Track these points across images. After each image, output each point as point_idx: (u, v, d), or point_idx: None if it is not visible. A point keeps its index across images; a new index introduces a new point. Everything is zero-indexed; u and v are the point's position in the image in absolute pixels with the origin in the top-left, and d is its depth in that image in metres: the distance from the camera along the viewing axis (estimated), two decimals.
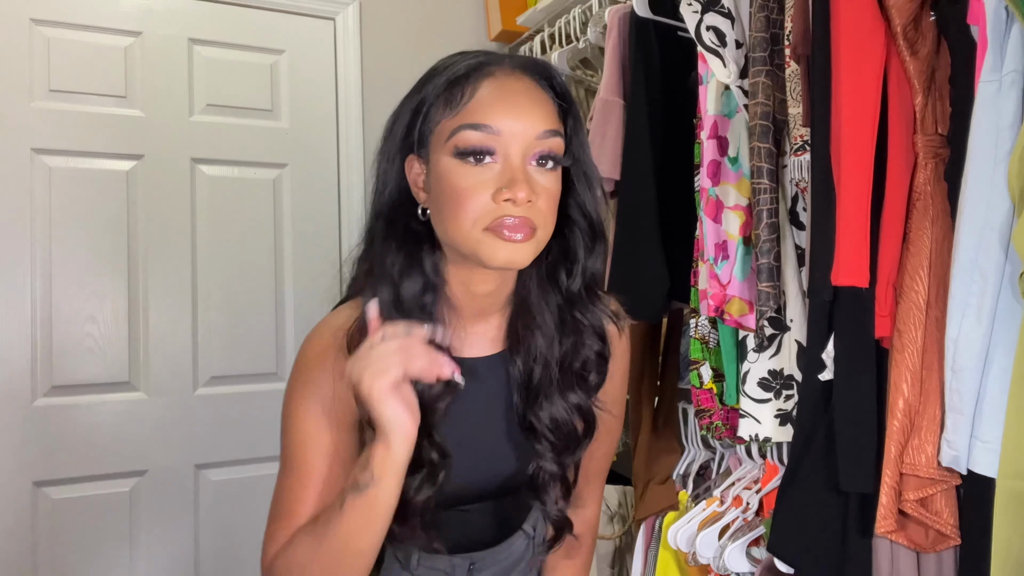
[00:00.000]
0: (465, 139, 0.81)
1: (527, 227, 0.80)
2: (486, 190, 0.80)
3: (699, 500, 1.60)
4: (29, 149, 1.92)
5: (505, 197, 0.79)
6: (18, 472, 1.89)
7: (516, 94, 0.83)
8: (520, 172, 0.80)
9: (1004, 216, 0.93)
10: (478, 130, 0.80)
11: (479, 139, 0.80)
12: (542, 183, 0.82)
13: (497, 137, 0.81)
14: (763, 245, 1.25)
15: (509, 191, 0.79)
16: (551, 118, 0.84)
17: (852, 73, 1.05)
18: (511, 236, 0.80)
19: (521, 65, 0.86)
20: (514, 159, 0.81)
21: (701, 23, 1.34)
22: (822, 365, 1.16)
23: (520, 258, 0.81)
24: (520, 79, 0.85)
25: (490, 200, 0.80)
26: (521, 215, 0.80)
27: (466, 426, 0.91)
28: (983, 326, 0.95)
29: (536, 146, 0.82)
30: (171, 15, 2.08)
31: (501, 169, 0.81)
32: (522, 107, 0.82)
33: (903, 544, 1.07)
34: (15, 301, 1.90)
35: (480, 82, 0.83)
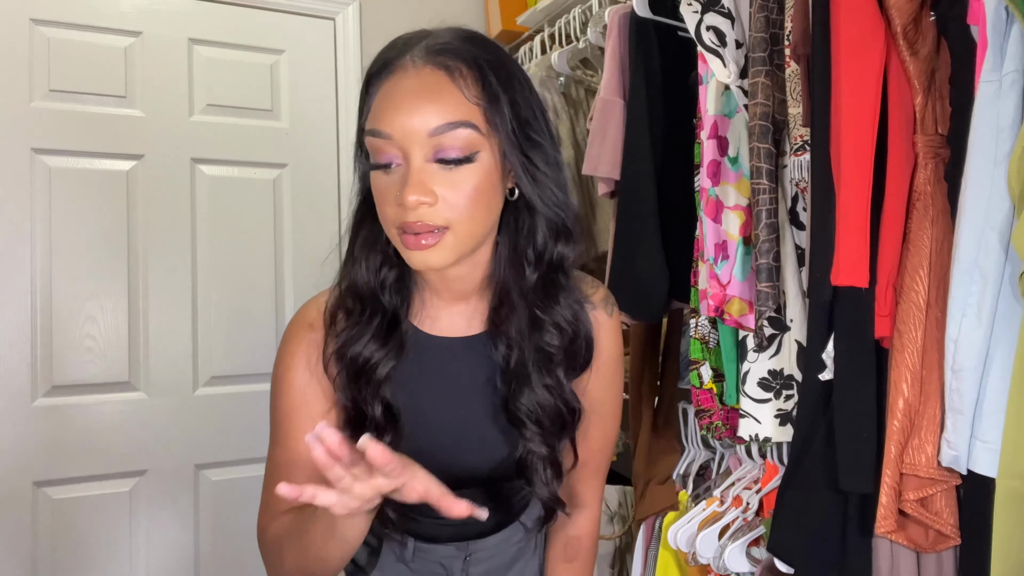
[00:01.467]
0: (369, 144, 0.82)
1: (427, 232, 0.79)
2: (390, 195, 0.80)
3: (699, 500, 1.60)
4: (29, 149, 1.92)
5: (399, 202, 0.79)
6: (18, 472, 1.89)
7: (407, 93, 0.80)
8: (414, 174, 0.78)
9: (1004, 216, 0.93)
10: (376, 136, 0.80)
11: (378, 145, 0.80)
12: (451, 179, 0.79)
13: (390, 142, 0.79)
14: (762, 245, 1.25)
15: (400, 196, 0.78)
16: (452, 109, 0.79)
17: (852, 73, 1.05)
18: (416, 243, 0.80)
19: (430, 53, 0.82)
20: (414, 161, 0.79)
21: (701, 23, 1.34)
22: (822, 365, 1.16)
23: (434, 261, 0.81)
24: (419, 72, 0.81)
25: (395, 205, 0.80)
26: (418, 219, 0.78)
27: (448, 407, 0.92)
28: (983, 326, 0.95)
29: (431, 145, 0.79)
30: (171, 15, 2.08)
31: (404, 172, 0.79)
32: (410, 106, 0.79)
33: (903, 544, 1.07)
34: (15, 301, 1.90)
35: (382, 83, 0.82)
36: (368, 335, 0.87)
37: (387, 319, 0.89)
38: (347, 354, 0.87)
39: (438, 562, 1.01)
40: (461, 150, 0.79)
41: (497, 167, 0.82)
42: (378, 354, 0.87)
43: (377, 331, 0.88)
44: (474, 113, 0.80)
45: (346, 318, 0.89)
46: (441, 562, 1.01)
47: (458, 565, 1.01)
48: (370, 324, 0.88)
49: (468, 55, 0.82)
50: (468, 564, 1.01)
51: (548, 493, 0.93)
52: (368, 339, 0.87)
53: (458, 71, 0.81)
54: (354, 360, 0.87)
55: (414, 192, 0.77)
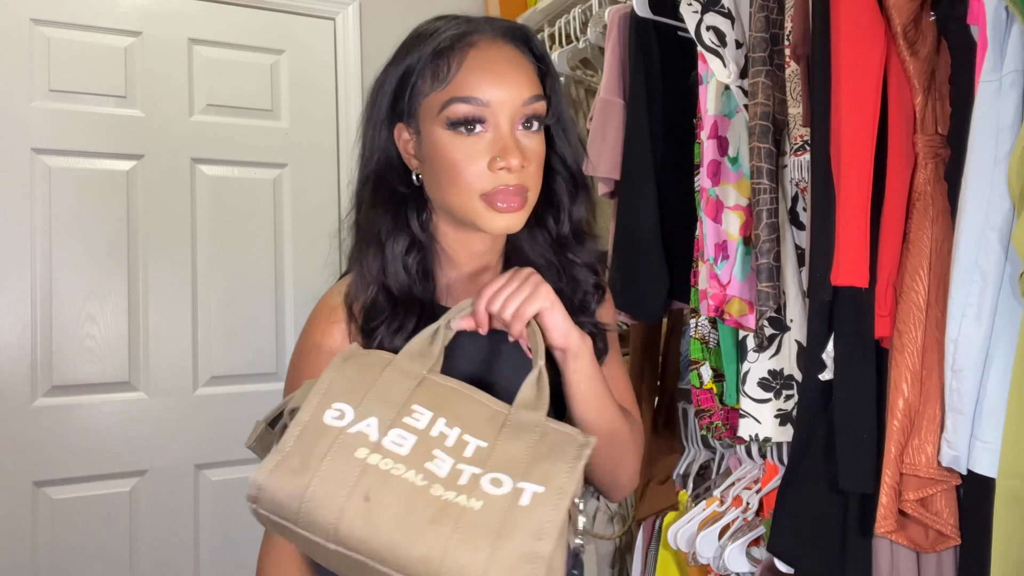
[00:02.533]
0: (456, 111, 0.84)
1: (520, 195, 0.85)
2: (481, 159, 0.84)
3: (699, 500, 1.60)
4: (29, 149, 1.92)
5: (500, 166, 0.83)
6: (18, 472, 1.89)
7: (500, 63, 0.86)
8: (511, 140, 0.84)
9: (1004, 216, 0.93)
10: (468, 103, 0.84)
11: (469, 111, 0.84)
12: (531, 147, 0.86)
13: (486, 108, 0.84)
14: (763, 245, 1.25)
15: (504, 159, 0.83)
16: (533, 83, 0.87)
17: (852, 73, 1.05)
18: (507, 207, 0.84)
19: (502, 32, 0.89)
20: (503, 127, 0.85)
21: (701, 23, 1.34)
22: (822, 365, 1.16)
23: (516, 224, 0.87)
24: (502, 47, 0.87)
25: (486, 169, 0.84)
26: (516, 182, 0.84)
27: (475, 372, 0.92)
28: (983, 326, 0.95)
29: (522, 112, 0.86)
30: (171, 15, 2.08)
31: (493, 138, 0.84)
32: (507, 76, 0.85)
33: (903, 544, 1.07)
34: (15, 301, 1.90)
35: (466, 53, 0.86)
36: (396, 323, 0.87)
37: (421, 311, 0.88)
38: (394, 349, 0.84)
39: None
40: (540, 117, 0.87)
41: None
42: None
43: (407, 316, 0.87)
44: (541, 89, 0.88)
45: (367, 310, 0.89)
46: None
47: None
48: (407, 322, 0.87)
49: (526, 37, 0.91)
50: None
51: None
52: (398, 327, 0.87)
53: (527, 49, 0.89)
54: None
55: (518, 156, 0.83)
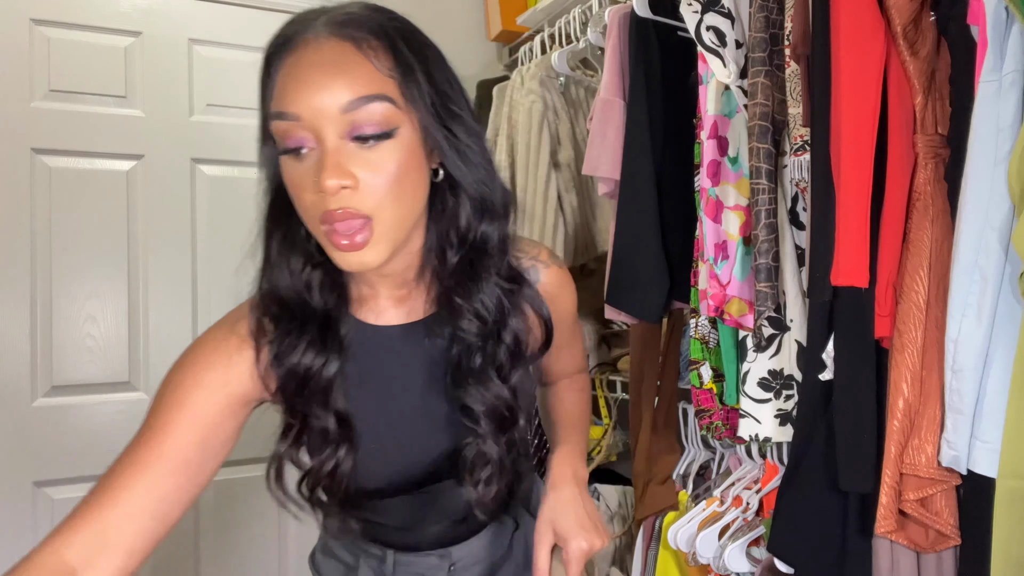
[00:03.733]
0: (276, 131, 0.74)
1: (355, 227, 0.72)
2: (308, 182, 0.73)
3: (699, 500, 1.60)
4: (29, 149, 1.92)
5: (317, 190, 0.71)
6: (18, 472, 1.89)
7: (313, 67, 0.72)
8: (330, 156, 0.71)
9: (1004, 216, 0.93)
10: (283, 119, 0.73)
11: (284, 128, 0.73)
12: (371, 159, 0.72)
13: (299, 123, 0.72)
14: (762, 245, 1.25)
15: (316, 181, 0.71)
16: (364, 82, 0.72)
17: (852, 73, 1.05)
18: (342, 243, 0.72)
19: (336, 24, 0.75)
20: (329, 142, 0.72)
21: (701, 23, 1.34)
22: (822, 365, 1.16)
23: (371, 259, 0.74)
24: (324, 44, 0.73)
25: (313, 192, 0.72)
26: (341, 205, 0.71)
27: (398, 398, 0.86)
28: (983, 326, 0.95)
29: (345, 122, 0.71)
30: (171, 15, 2.07)
31: (318, 157, 0.72)
32: (317, 82, 0.71)
33: (903, 544, 1.07)
34: (15, 301, 1.90)
35: (283, 61, 0.75)
36: (303, 343, 0.79)
37: (320, 321, 0.81)
38: (284, 366, 0.79)
39: (421, 574, 0.97)
40: (379, 125, 0.72)
41: (419, 144, 0.75)
42: (318, 360, 0.80)
43: (313, 337, 0.80)
44: (388, 86, 0.73)
45: (275, 327, 0.81)
46: (424, 574, 0.97)
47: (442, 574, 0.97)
48: (303, 331, 0.80)
49: (375, 25, 0.75)
50: (453, 573, 0.97)
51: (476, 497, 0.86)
52: (304, 347, 0.79)
53: (366, 42, 0.74)
54: (293, 372, 0.79)
55: (332, 175, 0.70)
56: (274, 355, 0.80)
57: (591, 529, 0.88)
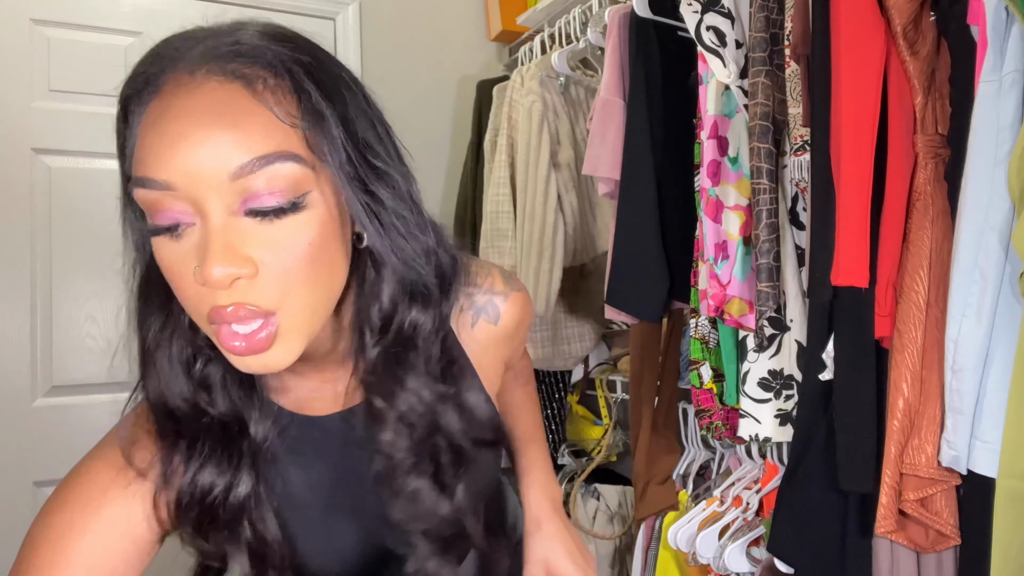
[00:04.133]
0: (139, 199, 0.56)
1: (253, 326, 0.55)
2: (187, 268, 0.56)
3: (699, 500, 1.60)
4: (29, 149, 1.92)
5: (201, 280, 0.54)
6: (18, 472, 1.89)
7: (186, 119, 0.54)
8: (216, 236, 0.54)
9: (1004, 216, 0.93)
10: (148, 187, 0.55)
11: (154, 200, 0.55)
12: (272, 237, 0.55)
13: (172, 194, 0.54)
14: (762, 245, 1.25)
15: (200, 270, 0.54)
16: (260, 137, 0.54)
17: (852, 73, 1.05)
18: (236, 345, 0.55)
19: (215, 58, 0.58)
20: (214, 218, 0.54)
21: (701, 23, 1.34)
22: (822, 365, 1.16)
23: (276, 361, 0.57)
24: (200, 88, 0.56)
25: (197, 287, 0.56)
26: (234, 300, 0.54)
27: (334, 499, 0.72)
28: (983, 326, 0.95)
29: (235, 191, 0.54)
30: (171, 15, 2.08)
31: (201, 235, 0.55)
32: (194, 139, 0.53)
33: (903, 544, 1.07)
34: (15, 301, 1.90)
35: (146, 107, 0.57)
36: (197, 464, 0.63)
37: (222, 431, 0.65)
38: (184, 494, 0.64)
39: None
40: (283, 194, 0.55)
41: (333, 210, 0.59)
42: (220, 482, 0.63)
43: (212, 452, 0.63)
44: (292, 139, 0.56)
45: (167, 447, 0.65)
46: None
47: None
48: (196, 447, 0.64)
49: (273, 58, 0.58)
50: None
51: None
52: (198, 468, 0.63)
53: (262, 81, 0.57)
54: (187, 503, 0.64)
55: (220, 261, 0.53)
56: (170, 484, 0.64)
57: (582, 562, 0.83)
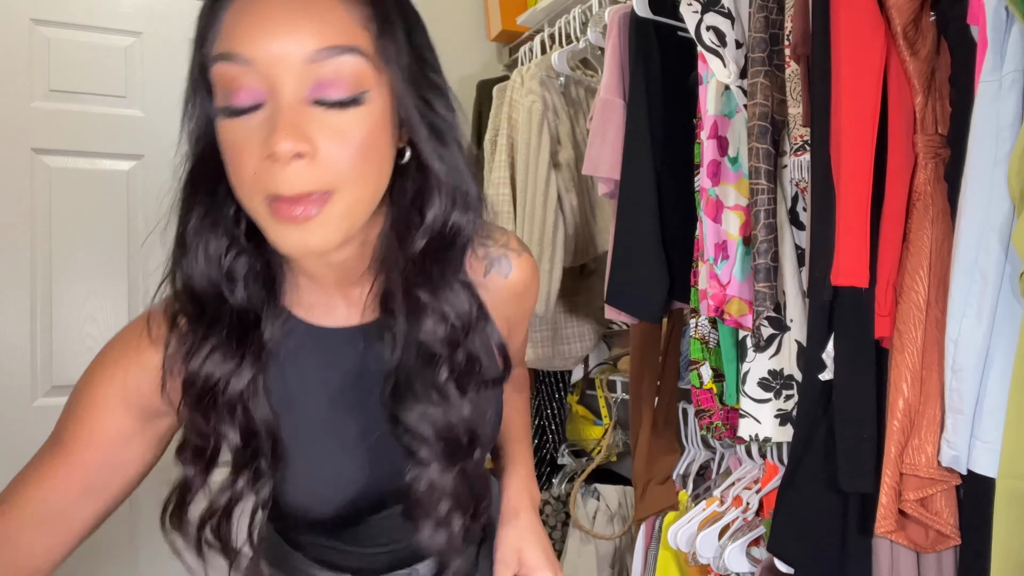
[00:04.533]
0: (219, 78, 0.61)
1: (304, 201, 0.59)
2: (253, 145, 0.59)
3: (699, 500, 1.60)
4: (29, 149, 1.92)
5: (266, 153, 0.58)
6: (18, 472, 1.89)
7: (273, 5, 0.59)
8: (286, 113, 0.58)
9: (1004, 216, 0.93)
10: (230, 61, 0.59)
11: (232, 76, 0.60)
12: (334, 125, 0.60)
13: (251, 69, 0.59)
14: (760, 245, 1.25)
15: (268, 143, 0.58)
16: (335, 30, 0.59)
17: (852, 73, 1.05)
18: (291, 213, 0.59)
19: None
20: (285, 96, 0.59)
21: (701, 23, 1.34)
22: (822, 365, 1.16)
23: (315, 241, 0.61)
24: None
25: (259, 159, 0.59)
26: (291, 182, 0.58)
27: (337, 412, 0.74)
28: (983, 326, 0.95)
29: (308, 76, 0.59)
30: (171, 15, 2.07)
31: (268, 115, 0.59)
32: (278, 22, 0.58)
33: (903, 544, 1.07)
34: (15, 301, 1.90)
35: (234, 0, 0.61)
36: (209, 347, 0.66)
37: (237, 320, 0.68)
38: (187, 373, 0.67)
39: None
40: (348, 87, 0.60)
41: (389, 115, 0.63)
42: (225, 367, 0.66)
43: (224, 339, 0.67)
44: (362, 38, 0.60)
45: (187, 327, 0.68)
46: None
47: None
48: (212, 331, 0.67)
49: None
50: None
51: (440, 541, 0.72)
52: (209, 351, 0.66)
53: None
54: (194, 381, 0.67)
55: (288, 136, 0.57)
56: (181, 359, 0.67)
57: (554, 561, 0.84)
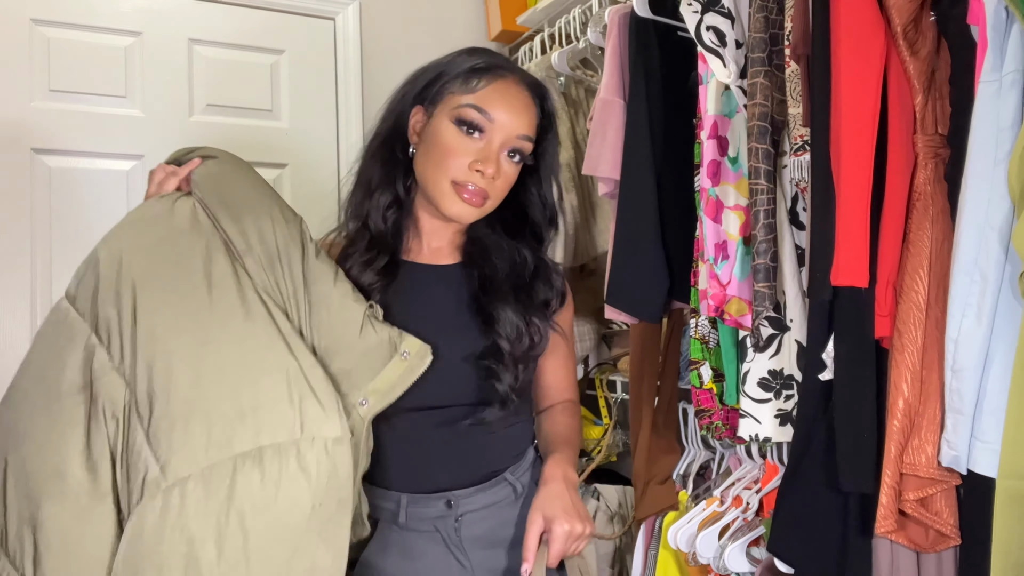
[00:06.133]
0: (468, 114, 1.08)
1: (481, 197, 1.09)
2: (466, 156, 1.08)
3: (699, 500, 1.60)
4: (29, 149, 1.92)
5: (477, 168, 1.07)
6: None
7: (516, 100, 1.10)
8: (495, 155, 1.08)
9: (1004, 216, 0.93)
10: (481, 112, 1.08)
11: (478, 118, 1.08)
12: (507, 169, 1.11)
13: (491, 123, 1.08)
14: (760, 246, 1.25)
15: (482, 164, 1.07)
16: (531, 127, 1.12)
17: (852, 73, 1.05)
18: (469, 199, 1.08)
19: (527, 81, 1.13)
20: (495, 144, 1.08)
21: (701, 23, 1.34)
22: (822, 365, 1.16)
23: (467, 215, 1.11)
24: (522, 91, 1.12)
25: (466, 165, 1.07)
26: (483, 186, 1.08)
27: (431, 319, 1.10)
28: (983, 326, 0.95)
29: (513, 142, 1.10)
30: (171, 15, 2.08)
31: (483, 147, 1.08)
32: (516, 111, 1.10)
33: (903, 544, 1.07)
34: (15, 301, 1.90)
35: (495, 80, 1.10)
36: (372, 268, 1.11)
37: (388, 259, 1.12)
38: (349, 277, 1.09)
39: (431, 523, 1.09)
40: (523, 154, 1.12)
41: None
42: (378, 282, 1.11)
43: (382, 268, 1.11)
44: (534, 135, 1.13)
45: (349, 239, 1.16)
46: (435, 524, 1.09)
47: (450, 525, 1.08)
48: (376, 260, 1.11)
49: (542, 94, 1.16)
50: (460, 525, 1.09)
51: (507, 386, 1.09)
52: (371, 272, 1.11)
53: (539, 102, 1.15)
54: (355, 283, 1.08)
55: (493, 168, 1.08)
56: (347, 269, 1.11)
57: (574, 515, 1.02)
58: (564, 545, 1.00)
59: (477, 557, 1.08)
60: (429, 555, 1.08)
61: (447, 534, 1.08)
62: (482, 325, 1.11)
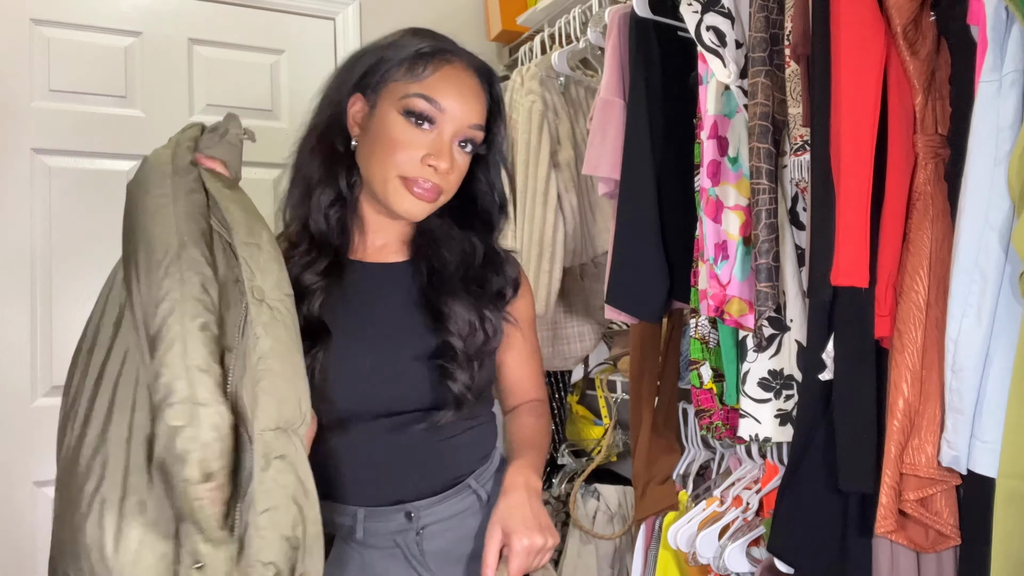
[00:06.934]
0: (417, 104, 0.99)
1: (435, 192, 1.01)
2: (417, 150, 1.00)
3: (699, 500, 1.60)
4: (29, 149, 1.92)
5: (430, 162, 0.99)
6: (18, 472, 1.88)
7: (465, 87, 1.02)
8: (447, 147, 1.01)
9: (1004, 216, 0.93)
10: (430, 103, 0.99)
11: (428, 109, 0.99)
12: (459, 161, 1.03)
13: (441, 113, 1.00)
14: (762, 245, 1.25)
15: (435, 159, 0.99)
16: (482, 115, 1.04)
17: (852, 73, 1.05)
18: (421, 194, 1.00)
19: (475, 66, 1.05)
20: (446, 135, 1.01)
21: (701, 23, 1.34)
22: (822, 365, 1.16)
23: (418, 212, 1.03)
24: (471, 76, 1.04)
25: (417, 160, 0.99)
26: (436, 182, 1.00)
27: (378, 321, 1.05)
28: (983, 326, 0.95)
29: (465, 132, 1.02)
30: (171, 15, 2.08)
31: (434, 139, 1.00)
32: (466, 99, 1.02)
33: (903, 544, 1.07)
34: (15, 301, 1.90)
35: (443, 66, 1.01)
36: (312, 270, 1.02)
37: (331, 259, 1.04)
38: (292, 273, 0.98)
39: (391, 538, 1.02)
40: (474, 143, 1.04)
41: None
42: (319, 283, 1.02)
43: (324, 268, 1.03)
44: (484, 123, 1.05)
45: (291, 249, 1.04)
46: (395, 539, 1.02)
47: (412, 539, 1.02)
48: (317, 261, 1.03)
49: (490, 79, 1.08)
50: (422, 539, 1.03)
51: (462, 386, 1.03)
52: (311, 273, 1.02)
53: (488, 89, 1.06)
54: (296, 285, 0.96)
55: (447, 161, 1.00)
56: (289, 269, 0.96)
57: (534, 527, 0.95)
58: (524, 560, 0.93)
59: (441, 573, 1.03)
60: (390, 573, 1.03)
61: (408, 549, 1.02)
62: (432, 323, 1.04)
